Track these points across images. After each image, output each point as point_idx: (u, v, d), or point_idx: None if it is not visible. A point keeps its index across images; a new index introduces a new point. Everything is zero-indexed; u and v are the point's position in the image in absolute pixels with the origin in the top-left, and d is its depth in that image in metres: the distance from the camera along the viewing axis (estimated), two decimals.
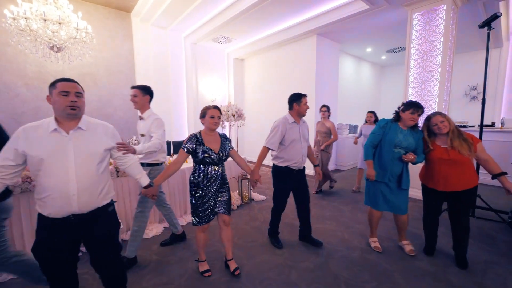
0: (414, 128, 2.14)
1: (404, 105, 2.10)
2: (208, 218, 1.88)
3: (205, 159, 1.81)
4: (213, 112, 1.86)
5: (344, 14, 4.04)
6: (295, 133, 2.26)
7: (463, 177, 1.95)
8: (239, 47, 6.33)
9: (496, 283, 1.87)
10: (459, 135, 1.96)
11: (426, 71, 3.55)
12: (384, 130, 2.16)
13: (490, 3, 3.61)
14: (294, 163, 2.27)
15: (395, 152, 2.12)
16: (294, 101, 2.27)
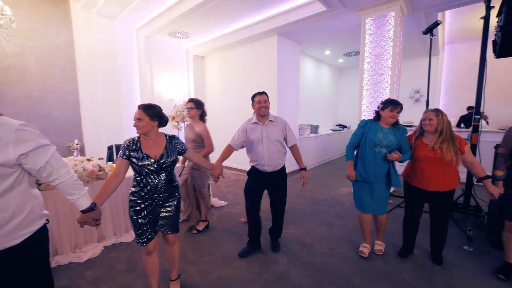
0: (396, 126, 2.11)
1: (383, 103, 2.09)
2: (148, 238, 1.59)
3: (142, 168, 1.53)
4: (135, 113, 1.59)
5: (303, 15, 4.04)
6: (256, 133, 2.15)
7: (447, 178, 1.94)
8: (198, 44, 6.00)
9: (443, 277, 1.96)
10: (450, 139, 1.90)
11: (378, 74, 3.73)
12: (364, 130, 2.13)
13: (430, 13, 3.95)
14: (257, 165, 2.17)
15: (376, 151, 2.08)
16: (251, 101, 2.19)
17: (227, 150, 2.19)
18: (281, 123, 2.23)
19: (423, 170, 1.99)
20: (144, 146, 1.57)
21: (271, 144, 2.15)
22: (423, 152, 1.99)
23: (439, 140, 1.91)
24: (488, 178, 1.88)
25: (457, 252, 2.31)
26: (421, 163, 2.01)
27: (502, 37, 2.51)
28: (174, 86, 6.15)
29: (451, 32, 5.59)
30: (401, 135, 2.09)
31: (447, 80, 6.61)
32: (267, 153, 2.13)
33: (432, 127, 1.93)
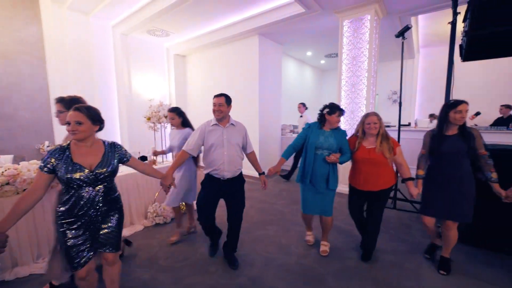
0: (336, 128, 2.19)
1: (330, 108, 2.12)
2: (83, 261, 1.37)
3: (72, 180, 1.30)
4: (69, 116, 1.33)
5: (283, 15, 4.06)
6: (216, 136, 2.00)
7: (382, 178, 2.04)
8: (179, 42, 5.86)
9: (412, 274, 2.02)
10: (386, 138, 2.03)
11: (356, 75, 3.81)
12: (307, 133, 2.19)
13: (404, 18, 4.09)
14: (215, 171, 1.99)
15: (318, 154, 2.14)
16: None
17: (181, 157, 2.02)
18: (242, 129, 2.15)
19: (361, 171, 2.08)
20: (76, 154, 1.35)
21: (232, 148, 2.02)
22: (361, 154, 2.08)
23: (379, 140, 2.01)
24: (411, 179, 2.02)
25: (425, 247, 2.38)
26: (359, 165, 2.11)
27: (468, 42, 2.64)
28: (154, 85, 5.97)
29: (425, 36, 5.84)
30: (341, 137, 2.16)
31: (422, 82, 6.90)
32: (227, 157, 1.98)
33: (376, 130, 2.01)
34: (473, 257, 2.21)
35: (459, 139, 1.86)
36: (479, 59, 2.76)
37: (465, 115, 1.82)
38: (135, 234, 2.69)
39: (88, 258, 1.39)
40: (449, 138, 1.89)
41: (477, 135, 1.84)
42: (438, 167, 1.96)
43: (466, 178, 1.87)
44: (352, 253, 2.31)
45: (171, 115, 2.56)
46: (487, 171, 1.83)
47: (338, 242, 2.51)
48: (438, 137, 1.93)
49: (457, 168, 1.87)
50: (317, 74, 8.69)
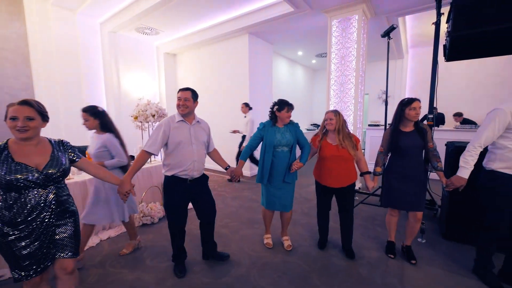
0: (289, 123, 2.21)
1: (279, 105, 2.13)
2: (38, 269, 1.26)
3: (13, 182, 1.16)
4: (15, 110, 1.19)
5: (272, 14, 4.06)
6: (183, 134, 1.86)
7: (348, 173, 2.12)
8: (169, 41, 5.80)
9: (396, 270, 2.05)
10: (348, 136, 2.10)
11: (344, 74, 3.85)
12: (262, 133, 2.18)
13: (391, 18, 4.15)
14: (183, 171, 1.85)
15: (278, 151, 2.15)
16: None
17: (141, 159, 1.79)
18: (206, 127, 2.06)
19: (332, 169, 2.12)
20: (18, 153, 1.21)
21: (200, 146, 1.93)
22: (329, 151, 2.11)
23: (340, 138, 2.07)
24: (368, 173, 2.13)
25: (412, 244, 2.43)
26: (327, 162, 2.14)
27: (451, 42, 2.69)
28: (143, 84, 5.89)
29: (412, 37, 5.94)
30: (295, 130, 2.18)
31: (411, 81, 7.02)
32: (197, 156, 1.88)
33: (332, 126, 2.08)
34: (453, 252, 2.26)
35: (416, 135, 1.99)
36: (462, 59, 2.81)
37: (419, 111, 1.96)
38: (121, 235, 2.65)
39: (42, 268, 1.28)
40: (407, 134, 2.01)
41: (428, 130, 2.00)
42: (397, 161, 2.08)
43: (422, 171, 2.03)
44: (337, 251, 2.33)
45: (84, 116, 2.06)
46: (434, 161, 2.00)
47: None
48: (396, 133, 2.04)
49: (414, 161, 2.02)
50: (309, 74, 8.74)
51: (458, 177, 1.82)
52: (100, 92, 5.28)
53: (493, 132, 1.69)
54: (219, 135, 5.50)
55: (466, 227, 2.39)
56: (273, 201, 2.23)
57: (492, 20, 2.40)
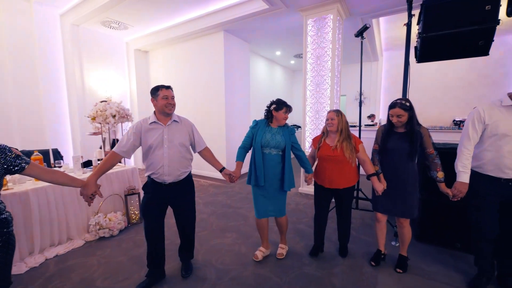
0: (284, 126, 2.09)
1: (277, 104, 2.02)
2: None
3: None
4: None
5: (246, 11, 3.90)
6: (155, 136, 1.73)
7: (346, 176, 2.02)
8: (140, 37, 5.45)
9: (370, 279, 1.96)
10: (348, 137, 2.00)
11: (320, 75, 3.78)
12: (254, 131, 2.07)
13: (365, 19, 4.16)
14: (156, 176, 1.74)
15: (266, 153, 2.01)
16: (152, 95, 1.79)
17: (109, 159, 1.68)
18: (188, 125, 1.90)
19: (325, 169, 2.05)
20: None
21: (174, 149, 1.77)
22: (325, 151, 2.04)
23: (340, 139, 1.98)
24: (374, 175, 1.97)
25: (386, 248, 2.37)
26: (323, 163, 2.06)
27: (421, 44, 2.70)
28: (112, 82, 5.47)
29: (386, 39, 6.08)
30: (290, 134, 2.06)
31: (386, 83, 7.21)
32: (168, 160, 1.73)
33: (334, 126, 2.00)
34: (427, 255, 2.23)
35: (404, 137, 1.86)
36: (432, 60, 2.82)
37: (397, 119, 1.84)
38: (72, 252, 2.34)
39: None
40: (395, 135, 1.91)
41: (426, 134, 1.84)
42: (384, 163, 2.00)
43: (409, 176, 1.88)
44: (311, 259, 2.21)
45: None
46: (433, 170, 1.84)
47: (298, 247, 2.40)
48: (386, 133, 1.95)
49: (400, 165, 1.89)
50: (288, 74, 8.71)
51: (461, 183, 1.71)
52: (61, 91, 4.82)
53: (476, 131, 1.70)
54: None
55: (440, 229, 2.37)
56: (265, 208, 2.10)
57: (459, 22, 2.42)
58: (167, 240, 2.38)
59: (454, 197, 1.76)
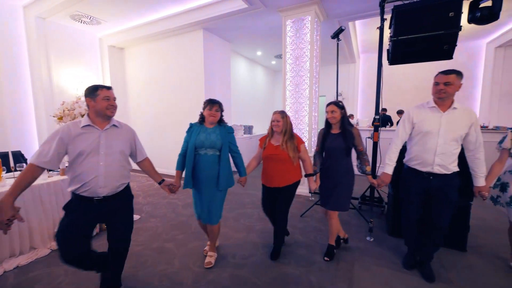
0: (221, 124, 2.05)
1: (204, 103, 2.02)
2: None
3: None
4: None
5: (225, 10, 3.86)
6: (89, 141, 1.46)
7: (286, 174, 2.09)
8: (115, 32, 5.20)
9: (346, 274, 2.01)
10: (291, 137, 2.08)
11: (299, 75, 3.84)
12: (188, 134, 2.02)
13: (342, 22, 4.30)
14: (83, 188, 1.44)
15: (201, 154, 1.95)
16: (87, 96, 1.52)
17: (28, 175, 1.35)
18: (129, 132, 1.68)
19: (268, 168, 2.12)
20: None
21: (113, 156, 1.52)
22: (270, 151, 2.09)
23: (285, 139, 2.05)
24: (312, 175, 2.13)
25: (361, 243, 2.46)
26: (268, 162, 2.12)
27: (392, 47, 2.83)
28: (84, 80, 5.17)
29: (363, 42, 6.32)
30: (227, 133, 2.02)
31: (362, 85, 7.49)
32: (104, 169, 1.47)
33: (280, 127, 2.06)
34: (398, 249, 2.33)
35: (339, 137, 2.06)
36: (403, 63, 2.96)
37: (333, 115, 2.04)
38: (36, 262, 2.16)
39: None
40: (333, 136, 2.10)
41: (356, 134, 2.06)
42: (325, 161, 2.18)
43: (345, 172, 2.08)
44: (290, 258, 2.22)
45: None
46: (363, 164, 2.10)
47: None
48: (325, 135, 2.15)
49: (336, 162, 2.09)
50: (270, 75, 8.77)
51: (385, 174, 1.95)
52: (25, 89, 4.47)
53: (404, 131, 1.92)
54: (171, 137, 5.10)
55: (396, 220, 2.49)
56: (199, 211, 2.05)
57: (426, 27, 2.56)
58: (139, 246, 2.29)
59: (378, 186, 2.02)
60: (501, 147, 1.89)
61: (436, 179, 1.79)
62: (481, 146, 1.74)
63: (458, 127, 1.73)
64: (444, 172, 1.77)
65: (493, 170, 1.89)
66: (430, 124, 1.79)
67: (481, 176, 1.76)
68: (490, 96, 6.00)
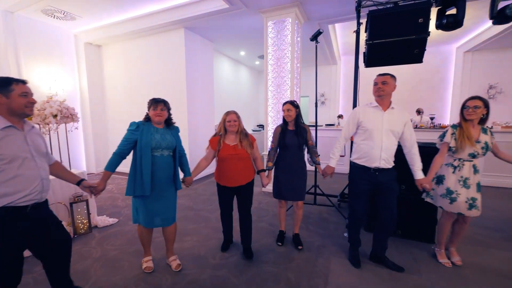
0: (169, 126, 1.99)
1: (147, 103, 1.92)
2: None
3: None
4: None
5: (207, 9, 3.83)
6: (18, 144, 1.30)
7: (246, 172, 2.15)
8: (91, 29, 4.99)
9: (323, 270, 2.07)
10: (246, 135, 2.15)
11: (280, 76, 3.89)
12: (137, 134, 1.83)
13: (322, 25, 4.40)
14: (24, 197, 1.28)
15: (157, 156, 1.85)
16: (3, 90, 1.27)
17: None
18: (41, 133, 1.54)
19: (228, 169, 2.11)
20: None
21: (43, 159, 1.43)
22: (227, 151, 2.09)
23: (241, 138, 2.11)
24: (263, 171, 2.26)
25: (339, 240, 2.54)
26: (226, 162, 2.11)
27: (368, 50, 2.94)
28: (58, 78, 4.92)
29: (343, 45, 6.50)
30: (176, 133, 2.01)
31: (343, 86, 7.71)
32: (45, 172, 1.40)
33: (236, 127, 2.10)
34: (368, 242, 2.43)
35: (295, 133, 2.24)
36: (378, 65, 3.09)
37: (288, 113, 2.21)
38: None
39: None
40: (290, 132, 2.26)
41: (308, 130, 2.27)
42: (282, 157, 2.31)
43: (301, 165, 2.29)
44: (270, 256, 2.26)
45: None
46: (314, 156, 2.30)
47: (258, 245, 2.44)
48: (283, 132, 2.28)
49: (294, 157, 2.27)
50: (254, 75, 8.79)
51: (328, 166, 2.14)
52: None
53: (348, 129, 2.07)
54: None
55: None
56: (151, 216, 1.89)
57: (398, 32, 2.69)
58: (116, 250, 2.22)
59: (324, 176, 2.17)
60: (442, 141, 2.04)
61: (381, 174, 1.96)
62: (415, 142, 1.95)
63: (396, 124, 1.93)
64: (387, 167, 1.95)
65: (434, 163, 2.03)
66: (375, 122, 1.95)
67: (419, 170, 1.94)
68: (460, 97, 6.39)
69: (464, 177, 1.95)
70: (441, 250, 2.18)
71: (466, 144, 1.91)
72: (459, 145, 1.94)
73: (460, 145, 1.93)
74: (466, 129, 1.93)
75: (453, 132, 1.99)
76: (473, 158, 1.95)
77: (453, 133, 1.99)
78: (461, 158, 1.98)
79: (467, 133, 1.91)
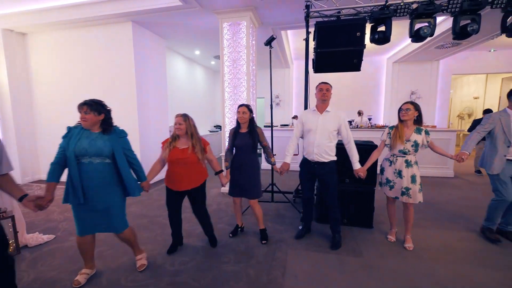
0: (106, 131, 1.79)
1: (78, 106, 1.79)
2: None
3: None
4: None
5: (158, 5, 3.63)
6: None
7: (194, 176, 2.18)
8: (10, 14, 4.21)
9: (281, 262, 2.20)
10: (198, 140, 2.16)
11: (237, 78, 3.95)
12: (65, 140, 1.70)
13: (276, 30, 4.62)
14: None
15: (85, 163, 1.68)
16: None
17: None
18: None
19: (177, 172, 2.11)
20: None
21: None
22: (176, 155, 2.08)
23: (192, 142, 2.12)
24: (221, 172, 2.38)
25: (294, 232, 2.71)
26: (175, 166, 2.10)
27: (316, 57, 3.22)
28: None
29: (295, 50, 6.93)
30: (118, 138, 1.82)
31: (296, 89, 8.21)
32: None
33: (182, 131, 2.10)
34: (323, 233, 2.69)
35: (247, 135, 2.37)
36: (325, 72, 3.41)
37: (243, 115, 2.34)
38: None
39: None
40: (242, 134, 2.39)
41: (260, 132, 2.43)
42: (236, 157, 2.45)
43: (254, 165, 2.45)
44: (230, 255, 2.29)
45: None
46: (269, 157, 2.48)
47: (218, 246, 2.45)
48: (235, 134, 2.43)
49: (246, 157, 2.41)
50: (210, 75, 8.66)
51: (284, 163, 2.42)
52: None
53: (297, 129, 2.46)
54: None
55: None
56: (83, 225, 1.77)
57: (341, 43, 3.02)
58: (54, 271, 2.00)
59: (281, 173, 2.41)
60: (381, 139, 2.46)
61: (319, 166, 2.33)
62: (352, 138, 2.32)
63: (329, 125, 2.29)
64: (322, 160, 2.30)
65: (371, 156, 2.44)
66: (312, 123, 2.33)
67: (356, 161, 2.31)
68: (390, 101, 7.46)
69: (397, 170, 2.33)
70: (391, 229, 2.61)
71: (397, 142, 2.29)
72: (392, 143, 2.33)
73: (393, 143, 2.32)
74: (401, 129, 2.30)
75: (389, 132, 2.38)
76: (404, 154, 2.31)
77: (389, 133, 2.38)
78: (394, 154, 2.37)
79: (400, 132, 2.28)
